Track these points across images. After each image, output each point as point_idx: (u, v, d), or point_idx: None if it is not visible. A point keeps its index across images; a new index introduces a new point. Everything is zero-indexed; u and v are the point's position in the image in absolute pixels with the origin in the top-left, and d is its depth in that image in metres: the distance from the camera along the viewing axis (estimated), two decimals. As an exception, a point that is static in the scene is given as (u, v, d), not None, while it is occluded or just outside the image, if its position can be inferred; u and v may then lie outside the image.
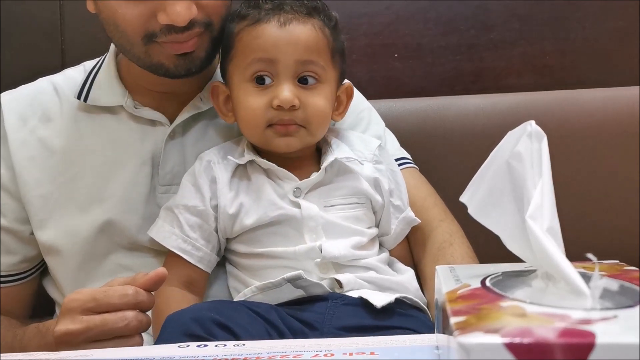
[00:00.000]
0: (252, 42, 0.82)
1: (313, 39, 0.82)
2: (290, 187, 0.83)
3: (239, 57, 0.83)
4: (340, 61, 0.87)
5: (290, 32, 0.81)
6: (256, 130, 0.83)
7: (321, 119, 0.84)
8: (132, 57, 0.87)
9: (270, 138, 0.83)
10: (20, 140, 0.92)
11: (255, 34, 0.82)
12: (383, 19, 1.32)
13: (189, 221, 0.83)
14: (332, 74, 0.85)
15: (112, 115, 0.93)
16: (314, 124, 0.83)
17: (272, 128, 0.82)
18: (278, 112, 0.81)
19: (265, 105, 0.81)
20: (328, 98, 0.84)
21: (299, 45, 0.81)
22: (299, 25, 0.81)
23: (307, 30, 0.82)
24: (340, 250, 0.81)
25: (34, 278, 0.98)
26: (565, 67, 1.30)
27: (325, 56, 0.83)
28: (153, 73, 0.87)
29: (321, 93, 0.83)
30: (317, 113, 0.83)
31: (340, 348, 0.52)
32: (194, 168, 0.86)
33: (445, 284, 0.48)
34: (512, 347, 0.35)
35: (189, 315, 0.68)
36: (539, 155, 0.47)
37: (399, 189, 0.91)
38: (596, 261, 0.44)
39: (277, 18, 0.81)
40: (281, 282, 0.77)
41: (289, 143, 0.83)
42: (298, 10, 0.82)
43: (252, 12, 0.83)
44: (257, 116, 0.82)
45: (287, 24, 0.81)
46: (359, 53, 1.31)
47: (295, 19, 0.81)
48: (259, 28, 0.81)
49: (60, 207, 0.90)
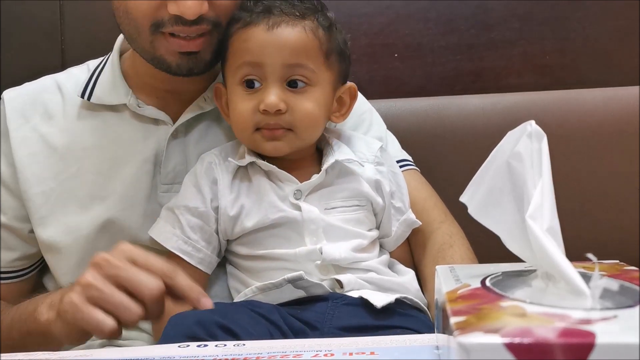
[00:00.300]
0: (241, 45, 0.82)
1: (302, 42, 0.81)
2: (291, 189, 0.83)
3: (230, 60, 0.83)
4: (338, 62, 0.86)
5: (277, 35, 0.80)
6: (245, 134, 0.83)
7: (309, 123, 0.83)
8: (137, 47, 0.87)
9: (259, 142, 0.83)
10: (22, 137, 0.92)
11: (244, 37, 0.81)
12: (383, 19, 1.32)
13: (190, 222, 0.83)
14: (325, 75, 0.84)
15: (115, 113, 0.93)
16: (301, 128, 0.82)
17: (259, 132, 0.82)
18: (264, 116, 0.81)
19: (253, 109, 0.81)
20: (319, 101, 0.83)
21: (286, 48, 0.80)
22: (288, 28, 0.81)
23: (295, 33, 0.81)
24: (341, 253, 0.81)
25: (33, 276, 0.98)
26: (566, 66, 1.30)
27: (316, 59, 0.82)
28: (155, 67, 0.87)
29: (311, 97, 0.82)
30: (305, 117, 0.82)
31: (340, 348, 0.52)
32: (195, 169, 0.86)
33: (445, 284, 0.48)
34: (512, 347, 0.35)
35: (193, 318, 0.68)
36: (539, 155, 0.47)
37: (400, 191, 0.91)
38: (596, 261, 0.44)
39: (265, 21, 0.81)
40: (282, 282, 0.77)
41: (276, 147, 0.83)
42: (289, 12, 0.81)
43: (244, 15, 0.83)
44: (245, 120, 0.82)
45: (275, 27, 0.80)
46: (359, 53, 1.31)
47: (285, 21, 0.81)
48: (248, 31, 0.81)
49: (61, 204, 0.90)
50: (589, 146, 1.18)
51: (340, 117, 0.90)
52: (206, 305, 0.67)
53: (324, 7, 0.86)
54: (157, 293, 0.65)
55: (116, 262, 0.66)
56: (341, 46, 0.86)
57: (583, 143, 1.18)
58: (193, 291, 0.67)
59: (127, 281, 0.65)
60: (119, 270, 0.66)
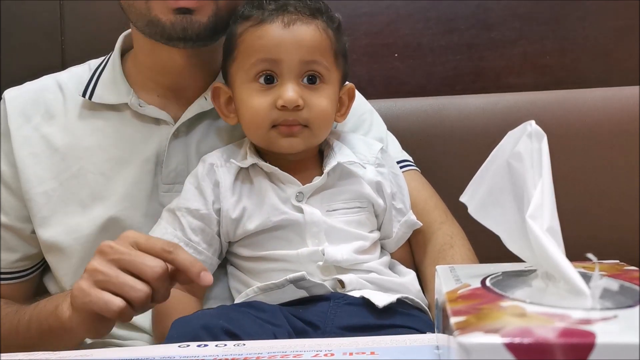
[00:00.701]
0: (255, 42, 0.82)
1: (317, 40, 0.82)
2: (293, 192, 0.83)
3: (242, 57, 0.83)
4: (343, 63, 0.87)
5: (294, 32, 0.81)
6: (260, 131, 0.83)
7: (324, 120, 0.84)
8: (133, 14, 0.87)
9: (274, 139, 0.82)
10: (23, 137, 0.92)
11: (259, 34, 0.81)
12: (383, 19, 1.32)
13: (192, 224, 0.83)
14: (335, 75, 0.85)
15: (117, 113, 0.93)
16: (317, 124, 0.83)
17: (276, 129, 0.82)
18: (282, 113, 0.81)
19: (270, 106, 0.81)
20: (331, 99, 0.84)
21: (303, 45, 0.81)
22: (303, 26, 0.81)
23: (311, 30, 0.82)
24: (343, 255, 0.81)
25: (34, 277, 0.98)
26: (566, 66, 1.30)
27: (328, 57, 0.83)
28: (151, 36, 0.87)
29: (324, 93, 0.83)
30: (321, 113, 0.82)
31: (341, 348, 0.52)
32: (196, 171, 0.86)
33: (446, 284, 0.48)
34: (512, 347, 0.35)
35: (198, 322, 0.68)
36: (539, 155, 0.47)
37: (401, 192, 0.91)
38: (596, 261, 0.44)
39: (281, 18, 0.81)
40: (284, 282, 0.77)
41: (292, 144, 0.82)
42: (302, 11, 0.82)
43: (256, 13, 0.83)
44: (261, 117, 0.82)
45: (291, 24, 0.81)
46: (359, 52, 1.31)
47: (299, 19, 0.81)
48: (262, 28, 0.81)
49: (63, 204, 0.90)
50: (589, 146, 1.18)
51: (340, 117, 0.91)
52: (206, 281, 0.69)
53: (328, 8, 0.86)
54: (160, 271, 0.68)
55: (120, 248, 0.69)
56: (345, 47, 0.88)
57: (583, 143, 1.18)
58: (194, 266, 0.69)
59: (130, 263, 0.68)
60: (122, 254, 0.69)
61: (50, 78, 0.98)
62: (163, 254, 0.69)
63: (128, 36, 0.98)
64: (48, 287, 0.98)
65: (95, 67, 0.97)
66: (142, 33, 0.89)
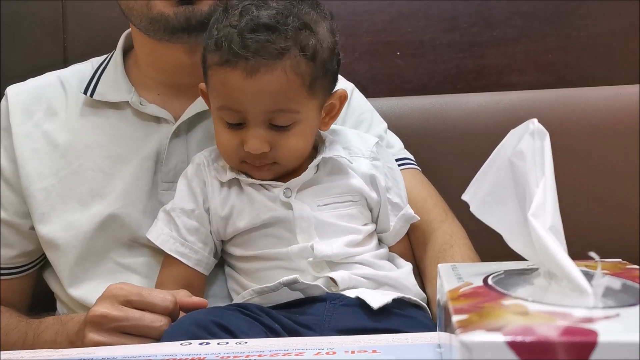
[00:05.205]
0: (219, 86, 0.78)
1: (283, 87, 0.76)
2: (280, 189, 0.83)
3: (211, 91, 0.81)
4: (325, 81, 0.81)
5: (256, 82, 0.75)
6: (231, 162, 0.83)
7: (295, 156, 0.82)
8: (134, 15, 0.87)
9: (246, 169, 0.83)
10: (24, 133, 0.93)
11: (222, 79, 0.77)
12: (385, 17, 1.31)
13: (186, 225, 0.83)
14: (310, 105, 0.80)
15: (118, 111, 0.93)
16: (287, 160, 0.82)
17: (246, 163, 0.82)
18: (249, 154, 0.80)
19: (237, 146, 0.80)
20: (304, 132, 0.81)
21: (266, 96, 0.76)
22: (267, 74, 0.75)
23: (275, 78, 0.75)
24: (333, 249, 0.80)
25: (33, 272, 0.98)
26: (568, 64, 1.30)
27: (298, 97, 0.78)
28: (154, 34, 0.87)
29: (295, 132, 0.80)
30: (290, 152, 0.81)
31: (342, 346, 0.52)
32: (187, 171, 0.87)
33: (448, 283, 0.48)
34: (514, 346, 0.35)
35: (189, 320, 0.69)
36: (542, 154, 0.47)
37: (397, 186, 0.91)
38: (598, 259, 0.44)
39: (243, 66, 0.75)
40: (278, 286, 0.77)
41: (262, 175, 0.83)
42: (268, 49, 0.74)
43: (222, 47, 0.76)
44: (229, 153, 0.82)
45: (253, 73, 0.75)
46: (361, 51, 1.31)
47: (263, 65, 0.74)
48: (225, 74, 0.76)
49: (62, 201, 0.91)
50: (592, 144, 1.18)
51: (329, 122, 0.87)
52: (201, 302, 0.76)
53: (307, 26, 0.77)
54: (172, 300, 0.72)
55: (114, 314, 0.71)
56: (327, 65, 0.80)
57: (586, 141, 1.18)
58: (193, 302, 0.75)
59: (134, 328, 0.71)
60: (119, 322, 0.71)
61: (52, 75, 0.98)
62: (167, 312, 0.73)
63: (130, 35, 0.98)
64: (49, 283, 0.98)
65: (98, 65, 0.97)
66: (144, 32, 0.89)
